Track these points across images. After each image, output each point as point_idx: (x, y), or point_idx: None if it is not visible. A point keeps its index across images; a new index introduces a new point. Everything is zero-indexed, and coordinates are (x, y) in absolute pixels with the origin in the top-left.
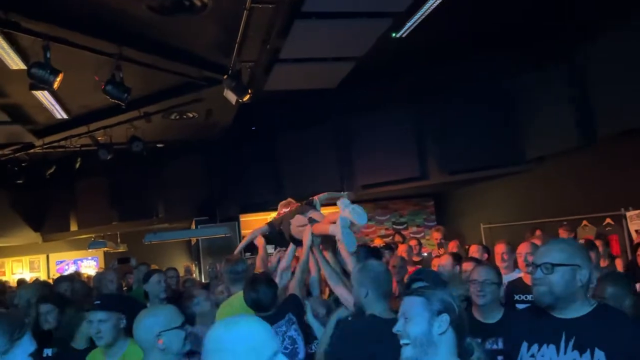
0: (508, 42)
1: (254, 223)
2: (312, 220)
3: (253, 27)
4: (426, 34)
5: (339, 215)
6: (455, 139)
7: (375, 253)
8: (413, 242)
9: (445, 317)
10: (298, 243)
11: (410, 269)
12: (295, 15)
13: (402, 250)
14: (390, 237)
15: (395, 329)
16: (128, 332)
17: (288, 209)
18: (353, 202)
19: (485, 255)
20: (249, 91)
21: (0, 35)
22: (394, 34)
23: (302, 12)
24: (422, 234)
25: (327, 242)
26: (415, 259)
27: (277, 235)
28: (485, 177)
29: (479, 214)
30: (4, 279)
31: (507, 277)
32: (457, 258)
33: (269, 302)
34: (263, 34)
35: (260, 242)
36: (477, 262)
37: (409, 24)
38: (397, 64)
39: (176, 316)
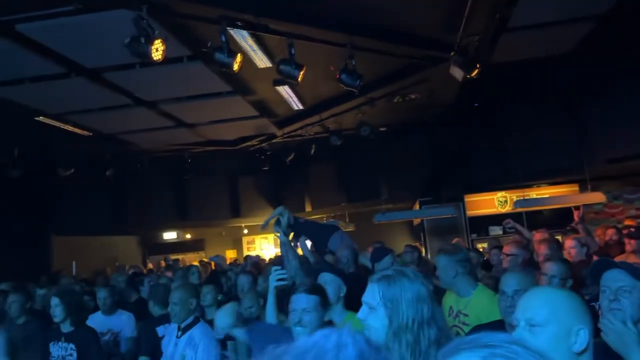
0: None
1: (479, 203)
2: None
3: None
4: None
5: None
6: None
7: None
8: None
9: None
10: None
11: None
12: None
13: None
14: None
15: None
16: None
17: None
18: None
19: None
20: (477, 65)
21: (251, 38)
22: None
23: None
24: None
25: None
26: None
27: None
28: None
29: None
30: (254, 253)
31: None
32: None
33: None
34: (491, 3)
35: None
36: None
37: None
38: None
39: None
